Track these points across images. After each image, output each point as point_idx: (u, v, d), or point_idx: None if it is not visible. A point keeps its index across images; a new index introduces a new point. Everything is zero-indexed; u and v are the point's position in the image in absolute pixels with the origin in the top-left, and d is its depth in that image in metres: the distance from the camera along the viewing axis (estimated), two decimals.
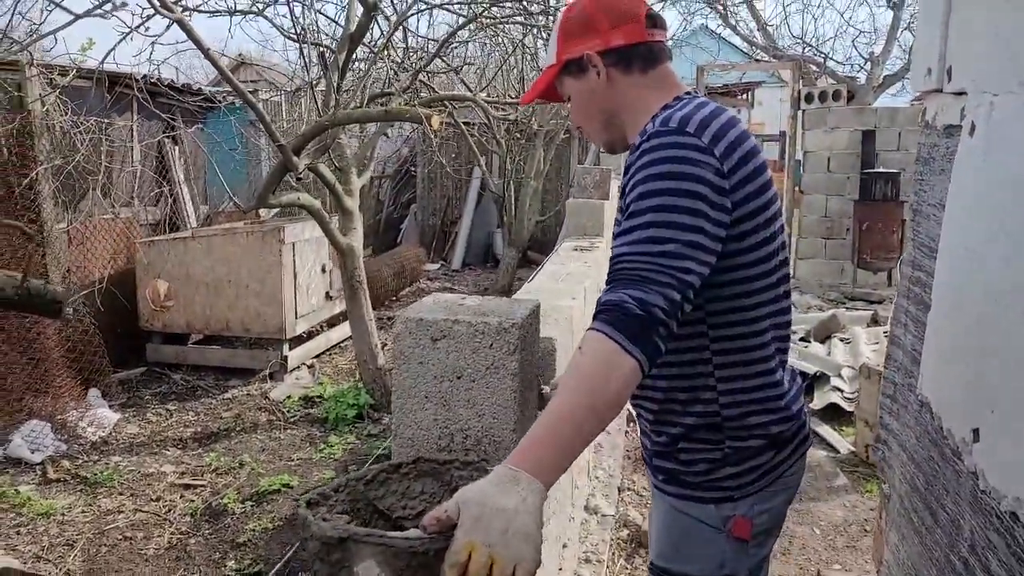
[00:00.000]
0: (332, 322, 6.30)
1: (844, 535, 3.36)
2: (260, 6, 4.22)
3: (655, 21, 1.31)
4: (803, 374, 5.00)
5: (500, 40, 6.49)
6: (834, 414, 4.63)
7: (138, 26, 3.63)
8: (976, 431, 1.12)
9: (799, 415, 1.33)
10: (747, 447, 1.27)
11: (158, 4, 3.31)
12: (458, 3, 5.00)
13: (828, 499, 3.70)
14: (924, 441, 1.40)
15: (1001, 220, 1.11)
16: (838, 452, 4.19)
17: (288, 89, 7.20)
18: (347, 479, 1.25)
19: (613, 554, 3.07)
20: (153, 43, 3.82)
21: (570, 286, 3.05)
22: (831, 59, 12.82)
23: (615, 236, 1.17)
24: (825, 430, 4.43)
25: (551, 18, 5.20)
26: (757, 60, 12.82)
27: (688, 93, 1.32)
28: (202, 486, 3.87)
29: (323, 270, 5.98)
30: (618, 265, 1.10)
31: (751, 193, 1.19)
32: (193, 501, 3.71)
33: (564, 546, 2.73)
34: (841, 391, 4.71)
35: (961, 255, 1.28)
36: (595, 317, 1.06)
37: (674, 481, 1.32)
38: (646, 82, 1.31)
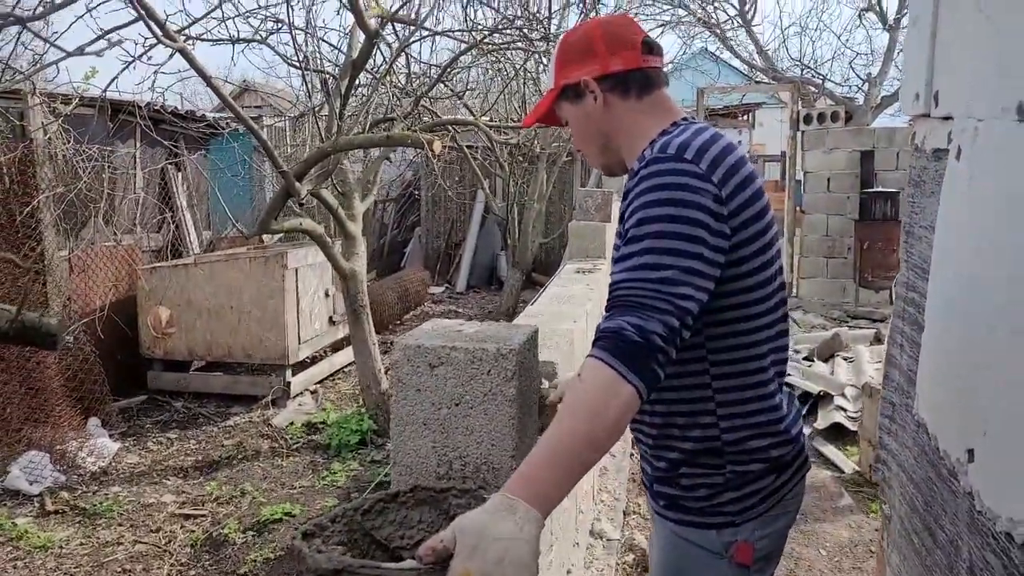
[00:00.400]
0: (336, 347, 6.29)
1: (850, 556, 3.31)
2: (263, 34, 4.26)
3: (651, 48, 1.34)
4: (807, 393, 4.96)
5: (502, 66, 6.55)
6: (838, 433, 4.58)
7: (140, 55, 3.66)
8: (971, 452, 1.12)
9: (798, 439, 1.34)
10: (748, 471, 1.27)
11: (160, 34, 3.34)
12: (459, 30, 5.04)
13: (834, 520, 3.64)
14: (922, 461, 1.40)
15: (986, 244, 1.13)
16: (843, 472, 4.14)
17: (292, 115, 7.26)
18: (344, 509, 1.24)
19: None
20: (156, 72, 3.85)
21: (572, 309, 3.04)
22: (829, 80, 12.90)
23: (614, 261, 1.18)
24: (829, 450, 4.38)
25: (551, 44, 5.25)
26: (757, 82, 12.90)
27: (685, 118, 1.33)
28: (203, 516, 3.83)
29: (326, 295, 5.98)
30: (617, 292, 1.10)
31: (749, 219, 1.20)
32: (194, 531, 3.67)
33: (568, 572, 2.69)
34: (845, 410, 4.67)
35: (950, 277, 1.30)
36: (594, 344, 1.06)
37: (674, 507, 1.32)
38: (642, 107, 1.33)
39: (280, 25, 4.25)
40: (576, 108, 1.36)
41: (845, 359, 5.59)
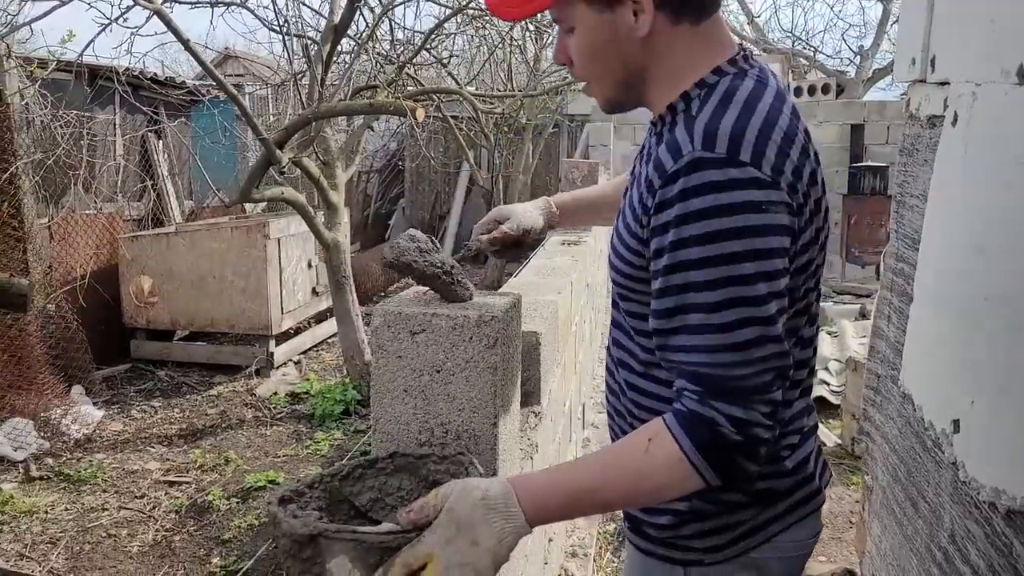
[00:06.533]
0: (319, 318, 6.27)
1: (830, 527, 3.36)
2: None
3: None
4: None
5: (487, 32, 6.46)
6: (821, 407, 4.64)
7: (117, 18, 3.59)
8: (956, 422, 1.11)
9: (797, 471, 1.04)
10: (721, 499, 1.02)
11: None
12: None
13: None
14: (906, 432, 1.40)
15: (981, 212, 1.10)
16: (825, 445, 4.20)
17: (273, 82, 7.15)
18: (321, 475, 1.23)
19: (600, 548, 3.06)
20: (132, 35, 3.77)
21: (556, 280, 3.04)
22: (821, 52, 12.85)
23: (661, 316, 0.92)
24: None
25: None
26: None
27: (737, 57, 0.97)
28: (187, 483, 3.85)
29: (309, 265, 5.94)
30: (702, 368, 0.88)
31: (817, 229, 0.96)
32: (178, 498, 3.68)
33: (550, 540, 2.72)
34: (828, 384, 4.72)
35: (942, 247, 1.27)
36: (680, 420, 0.88)
37: (638, 532, 1.13)
38: (694, 38, 0.96)
39: None
40: (600, 21, 0.94)
41: (829, 333, 5.64)
